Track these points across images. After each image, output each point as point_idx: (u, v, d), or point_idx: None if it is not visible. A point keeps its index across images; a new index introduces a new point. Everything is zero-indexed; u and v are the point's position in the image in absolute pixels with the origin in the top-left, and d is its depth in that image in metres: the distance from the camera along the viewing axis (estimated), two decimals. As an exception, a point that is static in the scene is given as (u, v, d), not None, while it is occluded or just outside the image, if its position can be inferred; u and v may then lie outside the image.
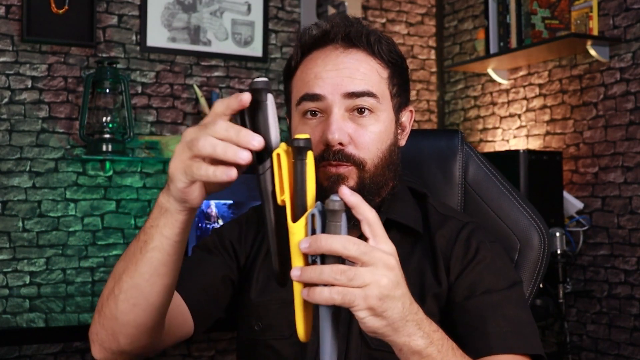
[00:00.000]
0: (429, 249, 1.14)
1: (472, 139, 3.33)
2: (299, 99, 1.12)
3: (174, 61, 2.94)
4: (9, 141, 2.64)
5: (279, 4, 3.16)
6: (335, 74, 1.09)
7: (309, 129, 1.10)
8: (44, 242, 2.67)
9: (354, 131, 1.09)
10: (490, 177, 1.37)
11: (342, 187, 0.83)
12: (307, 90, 1.10)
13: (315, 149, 1.08)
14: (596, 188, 2.72)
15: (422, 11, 3.52)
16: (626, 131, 2.61)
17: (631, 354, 2.55)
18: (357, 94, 1.08)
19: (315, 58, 1.12)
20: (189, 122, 2.94)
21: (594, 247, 2.71)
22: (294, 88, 1.15)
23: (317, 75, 1.10)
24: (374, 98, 1.10)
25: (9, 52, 2.64)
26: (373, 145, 1.10)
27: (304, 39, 1.14)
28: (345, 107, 1.09)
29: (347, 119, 1.09)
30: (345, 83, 1.08)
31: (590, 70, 2.76)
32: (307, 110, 1.11)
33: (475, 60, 3.06)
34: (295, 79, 1.15)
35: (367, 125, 1.10)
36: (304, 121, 1.12)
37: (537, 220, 1.31)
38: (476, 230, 1.16)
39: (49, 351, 2.61)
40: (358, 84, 1.09)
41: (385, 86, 1.13)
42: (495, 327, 1.04)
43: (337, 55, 1.11)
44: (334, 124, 1.07)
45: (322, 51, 1.12)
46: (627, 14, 2.61)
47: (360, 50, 1.12)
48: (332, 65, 1.10)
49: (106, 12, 2.82)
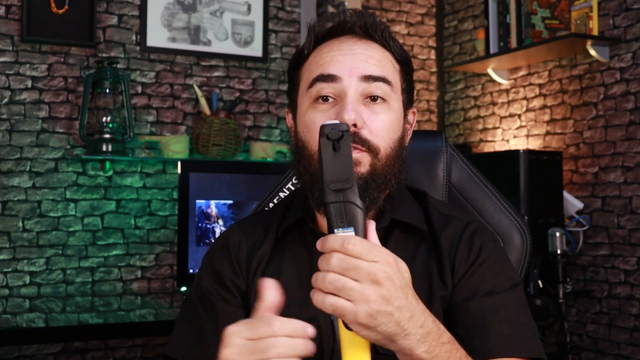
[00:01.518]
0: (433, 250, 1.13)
1: (472, 139, 3.33)
2: (311, 81, 1.08)
3: (174, 61, 2.94)
4: (9, 141, 2.64)
5: (279, 4, 3.16)
6: (352, 57, 1.08)
7: (321, 114, 1.07)
8: (44, 242, 2.67)
9: (368, 116, 1.06)
10: (473, 178, 1.38)
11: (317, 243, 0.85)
12: (322, 71, 1.07)
13: None
14: (596, 188, 2.72)
15: (422, 11, 3.52)
16: (626, 131, 2.61)
17: (631, 354, 2.55)
18: (374, 78, 1.07)
19: (330, 44, 1.11)
20: (189, 122, 2.95)
21: (594, 247, 2.71)
22: (305, 73, 1.12)
23: (334, 58, 1.08)
24: (388, 85, 1.08)
25: (9, 52, 2.65)
26: (386, 133, 1.08)
27: (319, 28, 1.12)
28: (360, 92, 1.07)
29: (361, 104, 1.07)
30: (362, 66, 1.07)
31: (590, 70, 2.76)
32: (319, 94, 1.08)
33: (475, 60, 3.06)
34: (306, 65, 1.12)
35: (380, 113, 1.08)
36: (314, 106, 1.08)
37: (518, 220, 1.34)
38: (479, 231, 1.15)
39: (49, 351, 2.62)
40: (374, 68, 1.07)
41: (398, 77, 1.12)
42: (496, 329, 1.03)
43: (354, 42, 1.10)
44: (350, 105, 1.04)
45: (337, 39, 1.11)
46: (627, 14, 2.61)
47: (375, 42, 1.11)
48: (348, 50, 1.09)
49: (106, 12, 2.82)
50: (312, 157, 1.07)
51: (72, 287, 2.71)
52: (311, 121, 1.07)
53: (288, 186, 1.42)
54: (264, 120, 3.10)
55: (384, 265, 0.83)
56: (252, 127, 3.07)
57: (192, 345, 1.13)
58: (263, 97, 3.10)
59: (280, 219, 1.18)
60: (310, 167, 1.07)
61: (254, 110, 3.08)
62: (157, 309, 2.47)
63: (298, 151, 1.11)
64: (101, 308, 2.44)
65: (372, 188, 1.05)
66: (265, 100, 3.11)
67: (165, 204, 2.88)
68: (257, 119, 3.09)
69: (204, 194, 2.59)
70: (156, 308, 2.49)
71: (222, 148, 2.84)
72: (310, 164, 1.07)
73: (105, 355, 2.72)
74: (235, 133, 2.88)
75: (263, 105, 3.10)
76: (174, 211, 2.85)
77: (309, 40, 1.12)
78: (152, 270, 2.85)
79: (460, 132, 3.41)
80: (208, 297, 1.14)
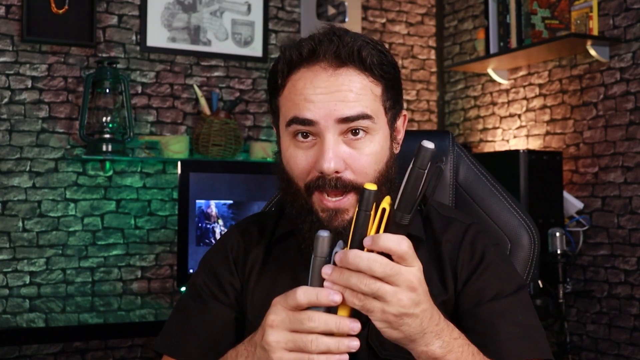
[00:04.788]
0: (434, 255, 1.13)
1: (472, 139, 3.33)
2: (288, 121, 1.05)
3: (174, 61, 2.94)
4: (9, 141, 2.64)
5: (279, 4, 3.16)
6: (327, 97, 1.02)
7: (302, 153, 1.05)
8: (44, 242, 2.67)
9: (349, 156, 1.04)
10: (481, 178, 1.38)
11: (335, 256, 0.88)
12: (297, 114, 1.04)
13: (310, 175, 1.05)
14: (596, 188, 2.72)
15: (422, 11, 3.52)
16: (626, 131, 2.61)
17: (631, 354, 2.55)
18: (352, 119, 1.02)
19: (303, 78, 1.05)
20: (189, 122, 2.95)
21: (594, 247, 2.71)
22: (282, 107, 1.09)
23: (307, 99, 1.03)
24: (369, 120, 1.04)
25: (9, 52, 2.65)
26: (370, 168, 1.05)
27: (290, 55, 1.06)
28: (339, 131, 1.03)
29: (342, 143, 1.04)
30: (338, 107, 1.02)
31: (590, 70, 2.76)
32: (298, 131, 1.05)
33: (475, 60, 3.06)
34: (282, 97, 1.09)
35: (362, 148, 1.04)
36: (296, 143, 1.06)
37: (526, 220, 1.33)
38: (480, 234, 1.15)
39: (49, 351, 2.62)
40: (352, 107, 1.02)
41: (379, 103, 1.07)
42: (505, 333, 1.04)
43: (328, 76, 1.03)
44: (329, 152, 1.01)
45: (310, 69, 1.05)
46: (627, 14, 2.61)
47: (350, 68, 1.04)
48: (323, 88, 1.03)
49: (106, 12, 2.82)
50: (298, 191, 1.07)
51: (72, 287, 2.71)
52: (293, 160, 1.07)
53: None
54: (264, 120, 3.10)
55: (419, 272, 0.87)
56: (252, 127, 3.07)
57: (178, 339, 1.14)
58: (263, 97, 3.10)
59: (275, 223, 1.19)
60: (299, 200, 1.08)
61: (254, 110, 3.09)
62: (157, 309, 2.47)
63: (284, 180, 1.10)
64: (101, 308, 2.44)
65: None
66: (265, 100, 3.11)
67: (165, 204, 2.88)
68: (257, 119, 3.09)
69: (204, 194, 2.59)
70: (156, 308, 2.49)
71: (222, 148, 2.84)
72: (298, 197, 1.08)
73: (105, 355, 2.72)
74: (235, 133, 2.88)
75: (263, 105, 3.10)
76: (174, 211, 2.85)
77: (282, 69, 1.08)
78: (152, 270, 2.85)
79: (460, 132, 3.41)
80: (199, 293, 1.17)
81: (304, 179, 1.06)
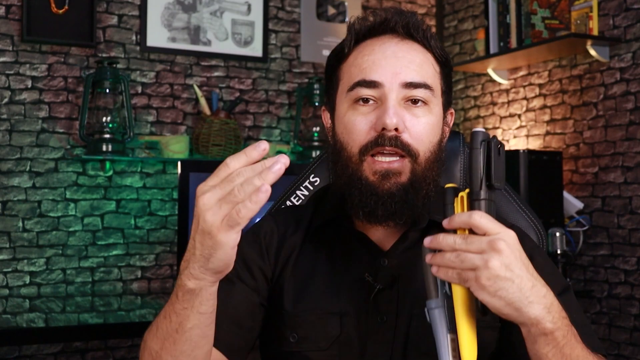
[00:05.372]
0: None
1: (472, 139, 3.33)
2: (352, 85, 1.09)
3: (174, 61, 2.94)
4: (9, 141, 2.64)
5: (279, 4, 3.16)
6: (394, 61, 1.07)
7: (362, 117, 1.08)
8: (44, 242, 2.68)
9: (409, 120, 1.07)
10: None
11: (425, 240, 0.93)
12: (364, 77, 1.07)
13: (367, 135, 1.07)
14: (596, 188, 2.72)
15: (422, 11, 3.52)
16: (626, 131, 2.61)
17: (631, 354, 2.55)
18: (415, 85, 1.07)
19: (371, 44, 1.10)
20: (189, 122, 2.95)
21: (594, 247, 2.71)
22: (345, 74, 1.12)
23: (376, 62, 1.08)
24: (429, 90, 1.08)
25: (9, 52, 2.65)
26: (426, 136, 1.08)
27: (359, 25, 1.11)
28: (402, 97, 1.07)
29: (402, 107, 1.07)
30: (404, 72, 1.07)
31: (590, 70, 2.76)
32: (359, 97, 1.08)
33: (475, 60, 3.06)
34: (346, 65, 1.12)
35: (420, 116, 1.08)
36: (355, 108, 1.09)
37: (534, 220, 1.35)
38: (524, 235, 1.16)
39: (49, 351, 2.62)
40: (416, 74, 1.08)
41: (438, 80, 1.12)
42: None
43: (395, 44, 1.09)
44: (392, 109, 1.05)
45: (378, 39, 1.10)
46: (627, 14, 2.61)
47: (416, 43, 1.11)
48: (391, 52, 1.08)
49: (106, 12, 2.82)
50: (350, 159, 1.08)
51: (72, 287, 2.71)
52: (351, 123, 1.08)
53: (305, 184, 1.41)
54: (264, 120, 3.10)
55: (505, 236, 0.89)
56: (252, 127, 3.07)
57: None
58: (263, 97, 3.10)
59: (311, 215, 1.19)
60: (348, 169, 1.08)
61: (254, 110, 3.09)
62: (157, 309, 2.47)
63: (336, 152, 1.11)
64: (101, 308, 2.44)
65: (412, 195, 1.07)
66: (265, 100, 3.11)
67: (165, 204, 2.88)
68: (257, 119, 3.09)
69: (204, 194, 2.58)
70: (156, 308, 2.49)
71: (222, 148, 2.84)
72: (348, 166, 1.08)
73: (105, 355, 2.72)
74: (235, 133, 2.88)
75: (263, 105, 3.10)
76: (174, 211, 2.85)
77: (349, 38, 1.12)
78: (152, 270, 2.85)
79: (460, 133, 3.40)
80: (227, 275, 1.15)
81: (361, 142, 1.07)
